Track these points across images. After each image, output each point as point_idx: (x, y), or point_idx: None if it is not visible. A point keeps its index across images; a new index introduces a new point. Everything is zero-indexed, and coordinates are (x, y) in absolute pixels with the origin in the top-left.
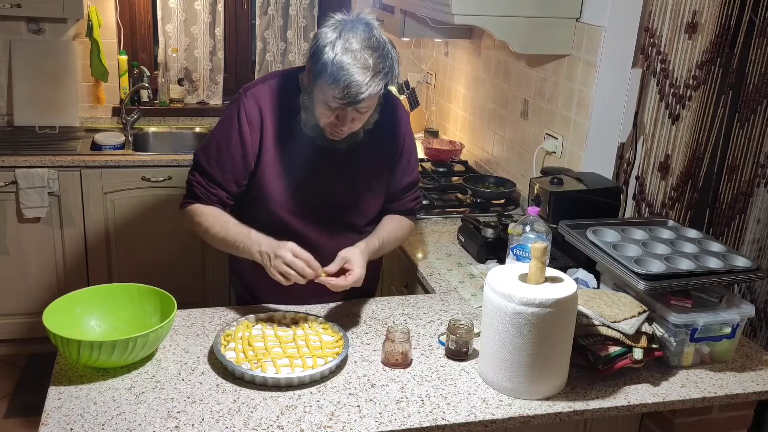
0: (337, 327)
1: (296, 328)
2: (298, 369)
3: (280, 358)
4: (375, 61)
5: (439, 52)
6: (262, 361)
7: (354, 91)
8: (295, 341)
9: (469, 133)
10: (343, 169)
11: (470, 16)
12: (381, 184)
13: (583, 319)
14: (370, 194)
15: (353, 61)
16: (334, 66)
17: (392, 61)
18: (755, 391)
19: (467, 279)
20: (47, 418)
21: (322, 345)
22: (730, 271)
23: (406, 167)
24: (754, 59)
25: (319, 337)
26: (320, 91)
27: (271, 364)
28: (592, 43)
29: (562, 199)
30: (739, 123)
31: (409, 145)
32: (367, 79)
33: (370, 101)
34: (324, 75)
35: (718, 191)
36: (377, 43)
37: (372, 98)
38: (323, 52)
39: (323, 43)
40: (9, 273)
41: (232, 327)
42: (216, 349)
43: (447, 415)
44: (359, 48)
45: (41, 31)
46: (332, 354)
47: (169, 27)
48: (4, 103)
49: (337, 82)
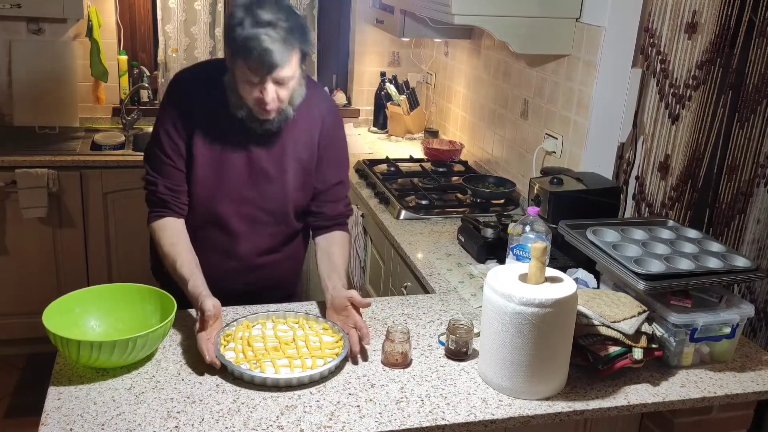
0: (338, 327)
1: (296, 329)
2: (297, 369)
3: (280, 358)
4: (285, 27)
5: (439, 52)
6: (262, 361)
7: (268, 59)
8: (294, 342)
9: (469, 133)
10: (272, 154)
11: (470, 16)
12: (307, 175)
13: (583, 319)
14: (297, 185)
15: (263, 31)
16: (246, 40)
17: (302, 27)
18: (755, 391)
19: (467, 279)
20: (47, 418)
21: (322, 345)
22: (730, 271)
23: (336, 165)
24: (754, 59)
25: (318, 338)
26: (239, 69)
27: (270, 365)
28: (592, 43)
29: (561, 199)
30: (739, 123)
31: (339, 143)
32: (279, 45)
33: (287, 69)
34: (239, 51)
35: (718, 191)
36: (284, 10)
37: (288, 65)
38: (234, 30)
39: (234, 22)
40: (9, 273)
41: (232, 327)
42: (216, 351)
43: (447, 415)
44: (267, 19)
45: (41, 31)
46: (332, 354)
47: (169, 27)
48: (4, 103)
49: (250, 54)
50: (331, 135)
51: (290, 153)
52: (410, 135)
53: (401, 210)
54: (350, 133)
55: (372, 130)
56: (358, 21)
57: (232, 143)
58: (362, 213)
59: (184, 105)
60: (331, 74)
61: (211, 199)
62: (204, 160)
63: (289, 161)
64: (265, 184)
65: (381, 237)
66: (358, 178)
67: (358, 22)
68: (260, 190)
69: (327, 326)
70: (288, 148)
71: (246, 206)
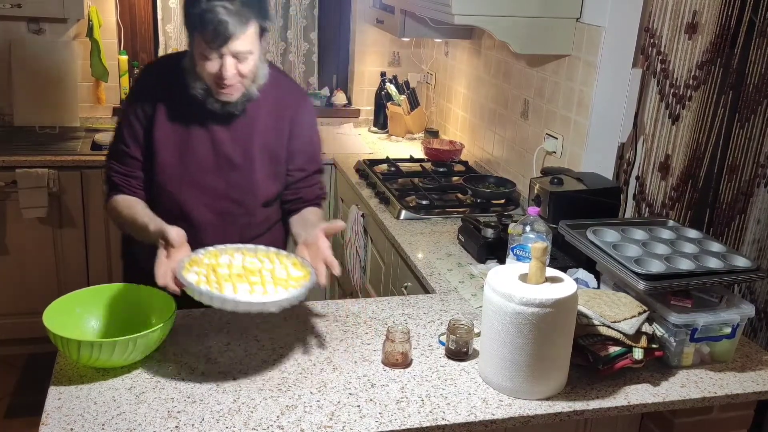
0: (307, 262)
1: (265, 262)
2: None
3: (242, 283)
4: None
5: (439, 52)
6: (223, 285)
7: (223, 30)
8: (260, 272)
9: (469, 133)
10: (237, 140)
11: (470, 16)
12: (277, 165)
13: (583, 319)
14: (265, 173)
15: (218, 3)
16: (202, 14)
17: (259, 1)
18: (755, 391)
19: (467, 279)
20: (47, 418)
21: (288, 278)
22: (731, 271)
23: (313, 153)
24: (754, 59)
25: (286, 271)
26: (197, 45)
27: (231, 289)
28: (592, 43)
29: (562, 199)
30: (739, 123)
31: (314, 131)
32: (234, 17)
33: (243, 41)
34: (195, 26)
35: (718, 191)
36: None
37: (244, 37)
38: (191, 5)
39: None
40: (9, 273)
41: (200, 254)
42: (178, 273)
43: (447, 415)
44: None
45: (41, 31)
46: (296, 286)
47: (169, 27)
48: (4, 103)
49: (205, 26)
50: (305, 123)
51: (257, 140)
52: (410, 135)
53: (401, 210)
54: (350, 133)
55: (372, 130)
56: (358, 21)
57: (195, 129)
58: (362, 213)
59: (148, 93)
60: (331, 74)
61: (176, 188)
62: (167, 148)
63: (256, 149)
64: (230, 171)
65: (381, 237)
66: (359, 178)
67: (358, 22)
68: (226, 178)
69: (297, 261)
70: (255, 135)
71: (212, 196)
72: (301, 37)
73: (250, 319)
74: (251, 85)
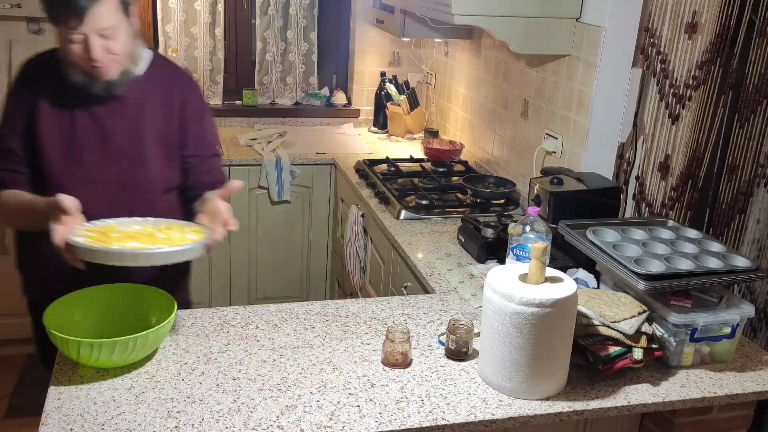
0: (206, 228)
1: (162, 227)
2: None
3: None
4: None
5: (439, 52)
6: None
7: (73, 7)
8: (153, 235)
9: (469, 133)
10: (127, 128)
11: (470, 16)
12: (171, 151)
13: (583, 319)
14: (160, 161)
15: None
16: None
17: None
18: (755, 391)
19: (467, 279)
20: (47, 418)
21: (183, 241)
22: (730, 271)
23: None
24: (754, 59)
25: (182, 236)
26: (60, 32)
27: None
28: (592, 43)
29: (562, 199)
30: (739, 123)
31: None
32: None
33: (101, 16)
34: (52, 12)
35: (718, 191)
36: None
37: (101, 11)
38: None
39: None
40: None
41: (95, 224)
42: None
43: (447, 415)
44: None
45: (41, 31)
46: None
47: (169, 27)
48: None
49: (58, 8)
50: (198, 109)
51: (149, 129)
52: (410, 135)
53: (401, 210)
54: (350, 133)
55: (372, 130)
56: (358, 21)
57: (81, 118)
58: (362, 213)
59: (29, 86)
60: (331, 74)
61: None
62: (52, 139)
63: (148, 137)
64: (121, 160)
65: (381, 237)
66: (358, 178)
67: (358, 22)
68: (117, 168)
69: (196, 229)
70: (145, 124)
71: (105, 186)
72: (300, 37)
73: (250, 319)
74: (130, 64)
